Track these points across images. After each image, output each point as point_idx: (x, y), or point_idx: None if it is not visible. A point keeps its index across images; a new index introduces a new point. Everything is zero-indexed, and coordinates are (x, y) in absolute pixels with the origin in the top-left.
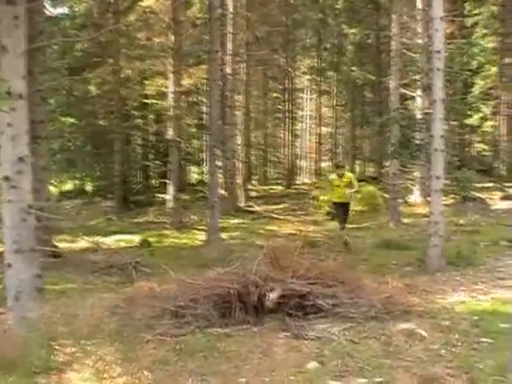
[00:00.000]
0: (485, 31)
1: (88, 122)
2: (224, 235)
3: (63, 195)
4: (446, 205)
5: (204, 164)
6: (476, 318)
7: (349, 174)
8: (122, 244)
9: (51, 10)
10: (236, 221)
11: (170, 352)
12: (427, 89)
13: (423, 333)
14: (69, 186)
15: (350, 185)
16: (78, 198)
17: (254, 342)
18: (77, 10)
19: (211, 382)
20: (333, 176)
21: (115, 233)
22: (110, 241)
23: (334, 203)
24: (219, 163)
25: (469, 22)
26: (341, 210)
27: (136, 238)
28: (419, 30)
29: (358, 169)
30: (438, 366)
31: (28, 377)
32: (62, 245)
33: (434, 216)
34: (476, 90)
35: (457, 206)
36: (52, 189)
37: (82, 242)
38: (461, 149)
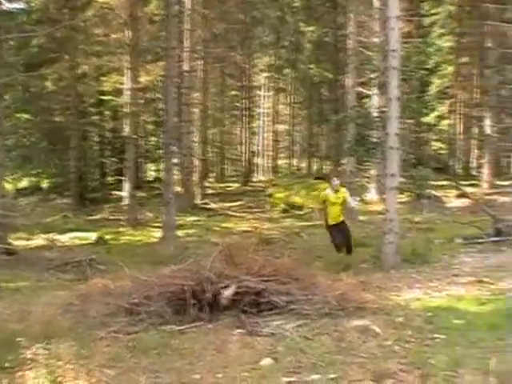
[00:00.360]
0: (442, 31)
1: (44, 118)
2: (180, 232)
3: (19, 192)
4: (401, 202)
5: (161, 161)
6: (430, 314)
7: (343, 189)
8: (78, 241)
9: (7, 5)
10: (192, 218)
11: (124, 349)
12: (383, 87)
13: (377, 329)
14: (24, 183)
15: (344, 202)
16: (34, 195)
17: (208, 338)
18: (33, 4)
19: (165, 379)
20: (328, 191)
21: (71, 230)
22: (65, 238)
23: (331, 226)
24: (175, 160)
25: (426, 21)
26: (340, 232)
27: (92, 236)
28: (376, 28)
29: (314, 166)
30: (390, 361)
31: None
32: (17, 242)
33: (389, 213)
34: (433, 88)
35: (412, 204)
36: (7, 186)
37: (38, 240)
38: (417, 147)
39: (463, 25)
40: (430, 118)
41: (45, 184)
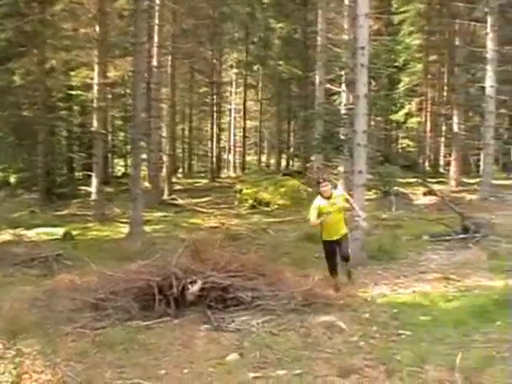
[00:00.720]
0: (411, 29)
1: (11, 112)
2: (147, 228)
3: None
4: (369, 199)
5: (129, 157)
6: (396, 310)
7: (337, 193)
8: (45, 237)
9: None
10: (160, 214)
11: (90, 344)
12: (351, 84)
13: (343, 325)
14: None
15: (342, 209)
16: (1, 189)
17: (174, 334)
18: None
19: (130, 374)
20: (318, 201)
21: (38, 225)
22: (32, 233)
23: (326, 242)
24: (143, 156)
25: (396, 19)
26: (335, 249)
27: (59, 231)
28: (346, 26)
29: (283, 163)
30: (356, 357)
31: None
32: None
33: (356, 210)
34: (402, 86)
35: (379, 201)
36: None
37: (5, 235)
38: (386, 144)
39: (432, 23)
40: (398, 116)
41: (12, 179)
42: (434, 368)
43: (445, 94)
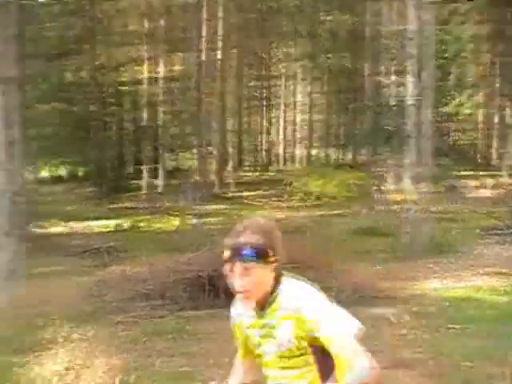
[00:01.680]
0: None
1: (65, 108)
2: (199, 220)
3: (40, 181)
4: (421, 192)
5: (180, 151)
6: (447, 304)
7: (289, 302)
8: (97, 229)
9: None
10: (211, 206)
11: (140, 333)
12: (416, 75)
13: (392, 318)
14: (45, 172)
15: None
16: (55, 184)
17: (223, 324)
18: None
19: (179, 363)
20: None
21: (91, 218)
22: (85, 226)
23: None
24: (194, 150)
25: (462, 8)
26: None
27: (111, 223)
28: (409, 16)
29: (333, 156)
30: (406, 351)
31: (5, 355)
32: (39, 230)
33: (409, 203)
34: (453, 78)
35: (433, 194)
36: (27, 175)
37: (59, 227)
38: (438, 137)
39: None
40: (449, 108)
41: (65, 173)
42: (483, 363)
43: (497, 85)
